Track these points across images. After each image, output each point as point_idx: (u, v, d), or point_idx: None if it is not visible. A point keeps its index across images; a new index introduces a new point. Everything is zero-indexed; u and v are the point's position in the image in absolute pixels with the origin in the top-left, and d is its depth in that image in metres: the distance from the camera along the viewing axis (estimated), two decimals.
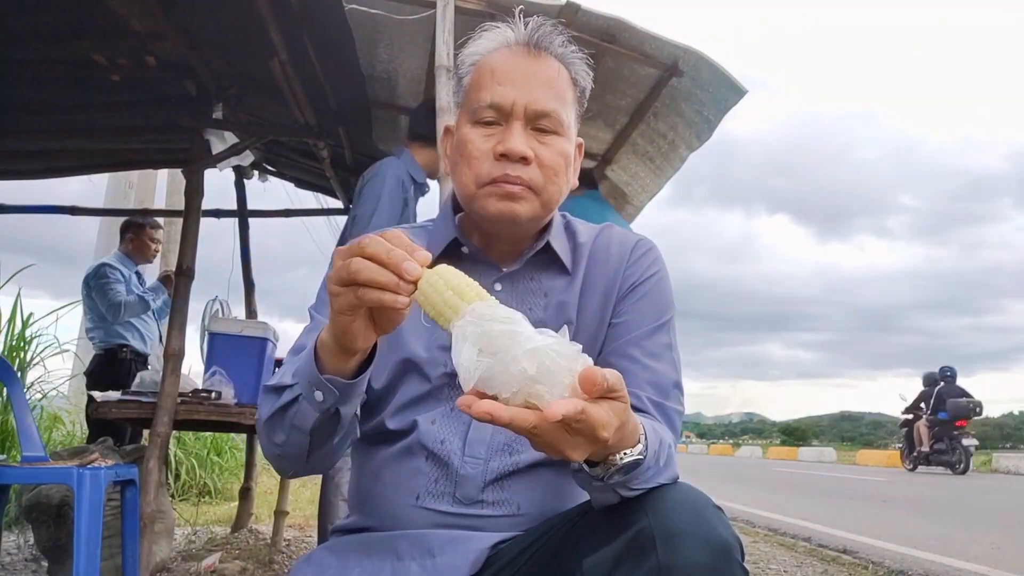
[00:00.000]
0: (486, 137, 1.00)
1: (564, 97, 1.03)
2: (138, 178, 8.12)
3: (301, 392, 0.87)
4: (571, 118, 1.04)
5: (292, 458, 0.95)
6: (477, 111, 1.01)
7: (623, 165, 3.99)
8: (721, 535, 0.77)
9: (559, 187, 1.02)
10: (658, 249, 1.12)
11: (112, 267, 4.44)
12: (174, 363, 2.93)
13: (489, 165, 0.99)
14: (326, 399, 0.86)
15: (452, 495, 0.98)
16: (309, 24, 2.80)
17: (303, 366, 0.87)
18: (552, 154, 1.01)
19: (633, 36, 3.01)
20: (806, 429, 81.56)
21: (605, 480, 0.79)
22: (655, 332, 1.04)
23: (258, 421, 0.96)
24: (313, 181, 4.94)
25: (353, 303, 0.75)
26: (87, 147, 4.16)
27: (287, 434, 0.91)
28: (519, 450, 1.00)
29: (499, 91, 0.99)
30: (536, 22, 1.03)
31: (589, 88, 1.09)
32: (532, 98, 0.99)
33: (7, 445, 4.30)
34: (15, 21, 2.81)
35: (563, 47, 1.05)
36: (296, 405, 0.88)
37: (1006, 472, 16.48)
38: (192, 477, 6.10)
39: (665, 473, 0.85)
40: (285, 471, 1.01)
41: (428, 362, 1.01)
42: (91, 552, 2.11)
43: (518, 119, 0.99)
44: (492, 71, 1.01)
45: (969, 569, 4.00)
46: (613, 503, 0.83)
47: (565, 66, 1.04)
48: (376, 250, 0.73)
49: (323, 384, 0.85)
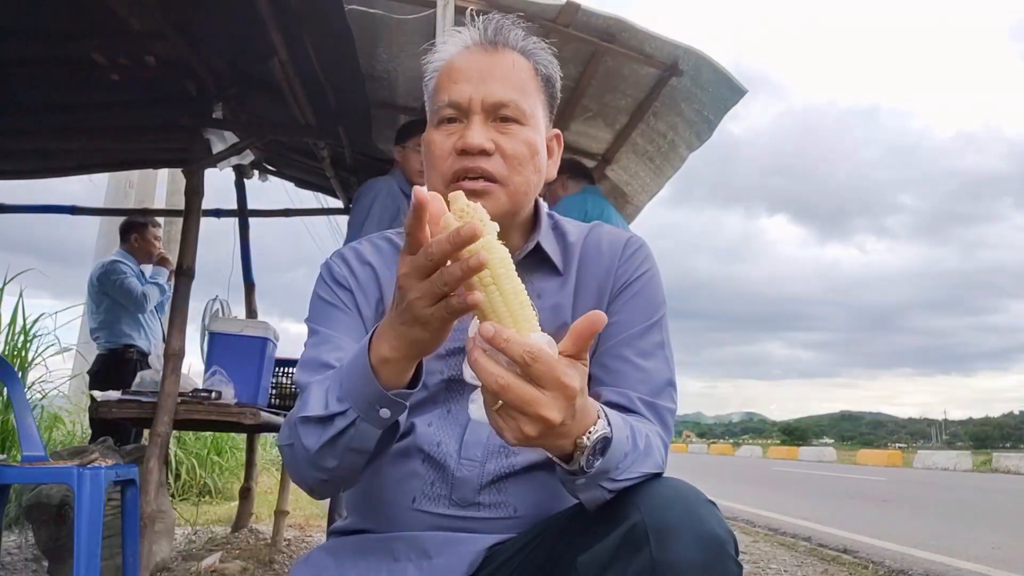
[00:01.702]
0: (448, 136, 1.01)
1: (524, 87, 1.03)
2: (138, 178, 8.12)
3: (359, 415, 0.85)
4: (536, 107, 1.04)
5: (344, 479, 0.93)
6: (438, 112, 1.02)
7: (623, 165, 3.99)
8: (714, 530, 0.77)
9: (526, 177, 1.02)
10: (648, 246, 1.12)
11: (123, 263, 4.47)
12: (174, 363, 2.93)
13: (451, 162, 1.00)
14: (393, 414, 0.85)
15: (448, 498, 0.98)
16: (309, 24, 2.80)
17: (354, 388, 0.85)
18: (515, 143, 1.00)
19: (633, 36, 3.01)
20: (806, 429, 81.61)
21: (585, 469, 0.79)
22: (648, 331, 1.03)
23: (294, 450, 0.92)
24: (313, 181, 4.94)
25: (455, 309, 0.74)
26: (87, 147, 4.16)
27: (340, 459, 0.88)
28: (515, 452, 0.99)
29: (456, 89, 1.01)
30: (493, 20, 1.04)
31: (557, 77, 1.09)
32: (488, 91, 1.00)
33: (7, 445, 4.31)
34: (15, 21, 2.81)
35: (522, 40, 1.05)
36: (352, 429, 0.86)
37: (1006, 472, 16.49)
38: (192, 477, 6.10)
39: (648, 461, 0.85)
40: (330, 493, 0.98)
41: (426, 372, 1.01)
42: (91, 552, 2.11)
43: (476, 113, 1.00)
44: (450, 72, 1.03)
45: (969, 569, 4.00)
46: (606, 499, 0.83)
47: (525, 57, 1.05)
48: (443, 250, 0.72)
49: (390, 401, 0.84)
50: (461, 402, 1.01)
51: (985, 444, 79.72)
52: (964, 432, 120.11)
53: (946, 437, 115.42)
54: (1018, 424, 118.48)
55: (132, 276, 4.43)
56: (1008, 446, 42.51)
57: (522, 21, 1.07)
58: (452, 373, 1.01)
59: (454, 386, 1.02)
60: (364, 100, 3.34)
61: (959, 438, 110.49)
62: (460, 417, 1.01)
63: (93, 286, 4.48)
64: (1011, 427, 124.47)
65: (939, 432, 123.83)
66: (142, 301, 4.40)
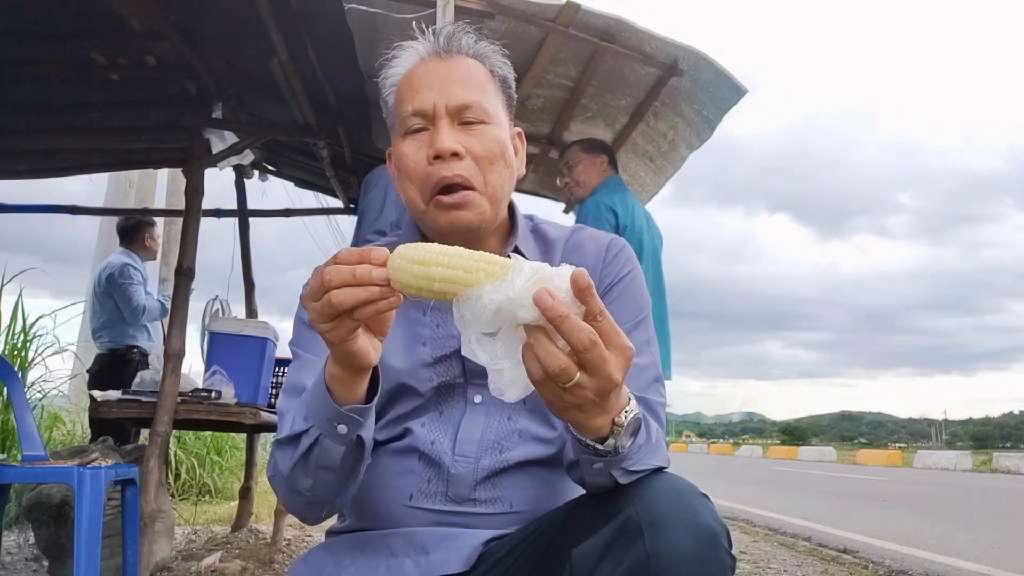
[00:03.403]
0: (418, 146, 1.02)
1: (483, 88, 1.04)
2: (138, 178, 8.12)
3: (321, 432, 0.87)
4: (498, 107, 1.06)
5: (322, 500, 0.94)
6: (404, 123, 1.03)
7: (623, 165, 3.99)
8: (707, 522, 0.78)
9: (500, 175, 1.03)
10: (630, 247, 1.14)
11: (135, 268, 4.46)
12: (174, 363, 2.93)
13: (425, 171, 1.00)
14: (350, 430, 0.86)
15: (444, 494, 0.99)
16: (309, 24, 2.80)
17: (314, 405, 0.87)
18: (484, 143, 1.01)
19: (633, 36, 3.02)
20: (806, 429, 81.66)
21: (619, 451, 0.79)
22: (634, 329, 1.04)
23: (275, 478, 0.95)
24: (313, 180, 4.94)
25: (351, 326, 0.77)
26: (87, 147, 4.17)
27: (313, 478, 0.90)
28: (509, 447, 1.01)
29: (419, 98, 1.01)
30: (443, 29, 1.06)
31: (512, 77, 1.10)
32: (451, 95, 1.01)
33: (7, 445, 4.31)
34: (15, 21, 2.81)
35: (474, 44, 1.06)
36: (317, 447, 0.88)
37: (1006, 472, 16.50)
38: (192, 477, 6.10)
39: (658, 454, 0.86)
40: (316, 516, 0.99)
41: (416, 380, 1.02)
42: (91, 551, 2.11)
43: (441, 118, 1.00)
44: (409, 83, 1.04)
45: (969, 569, 4.00)
46: (608, 487, 0.84)
47: (479, 60, 1.06)
48: (341, 277, 0.74)
49: (344, 416, 0.85)
50: (453, 405, 1.03)
51: (985, 444, 79.80)
52: (964, 432, 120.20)
53: (946, 437, 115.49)
54: (1018, 424, 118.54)
55: (139, 284, 4.41)
56: (1008, 446, 42.43)
57: (471, 26, 1.08)
58: (441, 380, 1.03)
59: (444, 391, 1.03)
60: (364, 100, 3.34)
61: (959, 438, 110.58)
62: (452, 418, 1.02)
63: (100, 286, 4.47)
64: (1011, 427, 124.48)
65: (939, 432, 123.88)
66: (138, 313, 4.36)
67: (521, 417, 1.03)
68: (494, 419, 1.02)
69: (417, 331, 1.04)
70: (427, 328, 1.04)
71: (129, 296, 4.33)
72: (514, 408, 1.02)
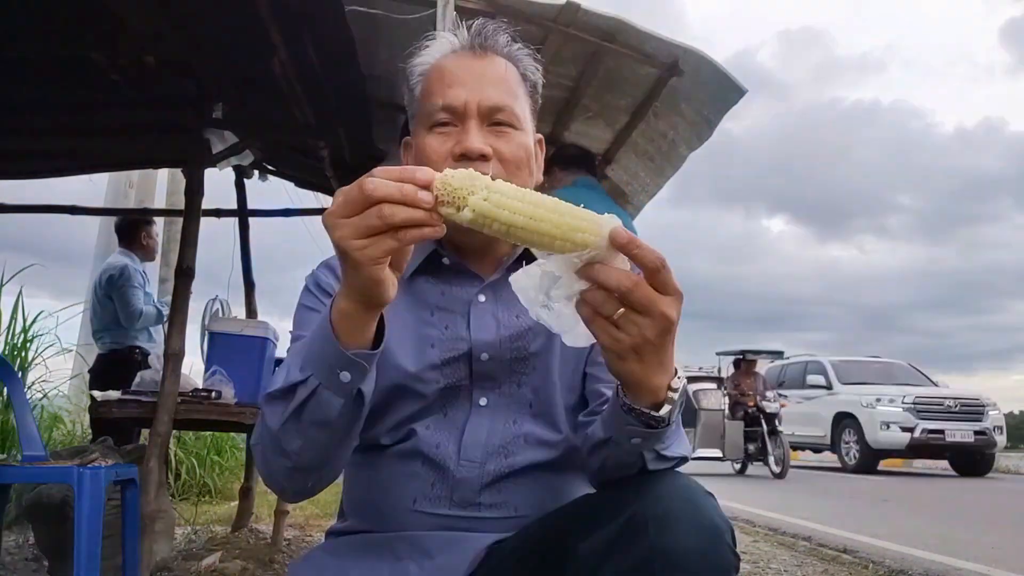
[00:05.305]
0: (443, 141, 1.01)
1: (515, 92, 1.04)
2: (138, 178, 8.11)
3: (320, 381, 0.82)
4: (526, 112, 1.06)
5: (308, 466, 0.88)
6: (431, 116, 1.02)
7: (623, 165, 3.99)
8: (712, 519, 0.79)
9: (523, 181, 1.02)
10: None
11: (136, 270, 4.44)
12: (174, 363, 2.93)
13: (448, 167, 0.99)
14: (354, 377, 0.81)
15: (449, 498, 0.98)
16: (309, 24, 2.80)
17: (315, 350, 0.82)
18: (512, 147, 1.01)
19: (633, 36, 3.02)
20: None
21: (669, 421, 0.81)
22: None
23: (260, 439, 0.89)
24: (313, 180, 4.94)
25: (388, 247, 0.73)
26: (87, 147, 4.16)
27: (304, 437, 0.85)
28: (514, 452, 1.00)
29: (450, 93, 1.00)
30: (479, 24, 1.05)
31: (540, 82, 1.10)
32: (484, 95, 1.00)
33: (7, 445, 4.30)
34: (15, 20, 2.81)
35: (508, 45, 1.06)
36: (314, 399, 0.82)
37: (1006, 472, 16.49)
38: (192, 477, 6.10)
39: (683, 443, 0.89)
40: (297, 487, 0.93)
41: (422, 382, 1.01)
42: (91, 552, 2.11)
43: (472, 118, 1.00)
44: (441, 75, 1.02)
45: (969, 569, 4.00)
46: (627, 474, 0.86)
47: (513, 63, 1.06)
48: (388, 190, 0.71)
49: (349, 361, 0.80)
50: (458, 407, 1.02)
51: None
52: None
53: None
54: (1018, 424, 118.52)
55: (139, 288, 4.40)
56: (1008, 446, 42.32)
57: (508, 26, 1.08)
58: (448, 382, 1.01)
59: (450, 393, 1.02)
60: (364, 100, 3.34)
61: None
62: (457, 420, 1.01)
63: (101, 287, 4.46)
64: (1011, 427, 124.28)
65: None
66: (134, 317, 4.34)
67: (526, 421, 1.02)
68: (499, 422, 1.01)
69: (426, 332, 1.03)
70: (435, 329, 1.03)
71: (127, 299, 4.32)
72: (519, 411, 1.02)
